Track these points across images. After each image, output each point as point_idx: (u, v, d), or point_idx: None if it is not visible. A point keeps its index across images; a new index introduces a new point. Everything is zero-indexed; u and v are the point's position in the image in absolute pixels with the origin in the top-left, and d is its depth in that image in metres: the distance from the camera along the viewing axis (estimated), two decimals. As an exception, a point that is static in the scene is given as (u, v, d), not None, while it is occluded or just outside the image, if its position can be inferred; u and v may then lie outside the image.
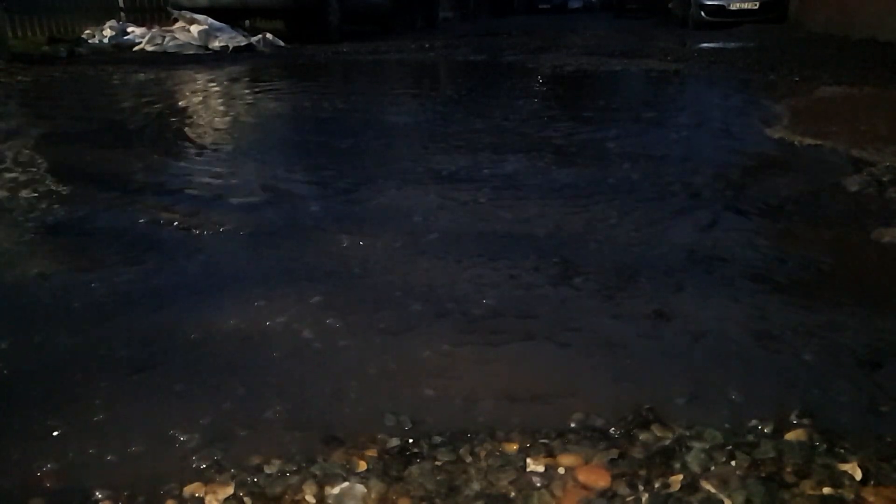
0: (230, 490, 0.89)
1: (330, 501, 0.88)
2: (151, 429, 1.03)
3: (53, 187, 2.28)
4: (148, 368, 1.20)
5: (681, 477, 0.89)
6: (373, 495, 0.88)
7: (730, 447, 0.95)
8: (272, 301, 1.44)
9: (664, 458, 0.93)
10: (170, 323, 1.37)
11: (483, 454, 0.95)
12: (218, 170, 2.52)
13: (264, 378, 1.16)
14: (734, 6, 11.20)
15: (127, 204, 2.12)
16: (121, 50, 8.05)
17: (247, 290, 1.50)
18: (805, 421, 1.01)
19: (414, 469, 0.92)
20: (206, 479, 0.92)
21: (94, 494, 0.89)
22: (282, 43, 8.82)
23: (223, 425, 1.03)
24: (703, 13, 11.35)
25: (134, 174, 2.49)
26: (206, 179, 2.39)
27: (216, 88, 4.93)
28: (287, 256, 1.70)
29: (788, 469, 0.91)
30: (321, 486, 0.90)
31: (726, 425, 1.00)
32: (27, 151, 2.84)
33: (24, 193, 2.22)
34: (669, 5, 13.63)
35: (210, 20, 8.43)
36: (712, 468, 0.91)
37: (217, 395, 1.11)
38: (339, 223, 1.93)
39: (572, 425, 1.01)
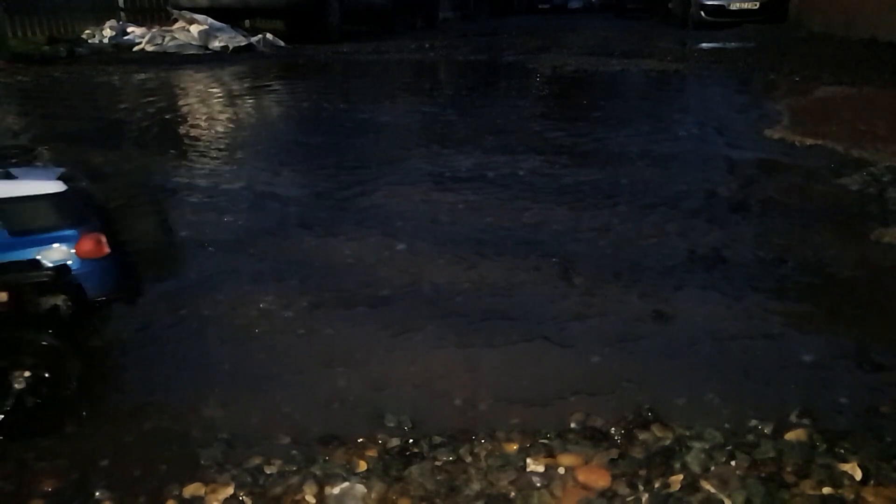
0: (230, 490, 0.89)
1: (330, 501, 0.88)
2: (149, 429, 1.03)
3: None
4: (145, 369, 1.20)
5: (681, 477, 0.90)
6: (373, 495, 0.88)
7: (730, 447, 0.95)
8: (271, 301, 1.44)
9: (664, 458, 0.93)
10: (163, 324, 1.37)
11: (483, 454, 0.95)
12: (216, 171, 2.52)
13: (263, 377, 1.16)
14: (734, 6, 11.19)
15: (121, 205, 2.12)
16: (121, 50, 8.04)
17: (245, 291, 1.50)
18: (805, 421, 1.01)
19: (414, 469, 0.92)
20: (207, 479, 0.92)
21: (94, 494, 0.89)
22: (282, 43, 8.81)
23: (223, 426, 1.03)
24: (703, 13, 11.34)
25: (130, 175, 2.49)
26: (203, 180, 2.39)
27: (216, 89, 4.93)
28: (283, 257, 1.70)
29: (788, 469, 0.91)
30: (321, 486, 0.90)
31: (726, 425, 1.00)
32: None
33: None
34: (669, 5, 13.61)
35: (210, 20, 8.41)
36: (712, 468, 0.91)
37: (216, 395, 1.11)
38: (339, 224, 1.93)
39: (572, 425, 1.02)
